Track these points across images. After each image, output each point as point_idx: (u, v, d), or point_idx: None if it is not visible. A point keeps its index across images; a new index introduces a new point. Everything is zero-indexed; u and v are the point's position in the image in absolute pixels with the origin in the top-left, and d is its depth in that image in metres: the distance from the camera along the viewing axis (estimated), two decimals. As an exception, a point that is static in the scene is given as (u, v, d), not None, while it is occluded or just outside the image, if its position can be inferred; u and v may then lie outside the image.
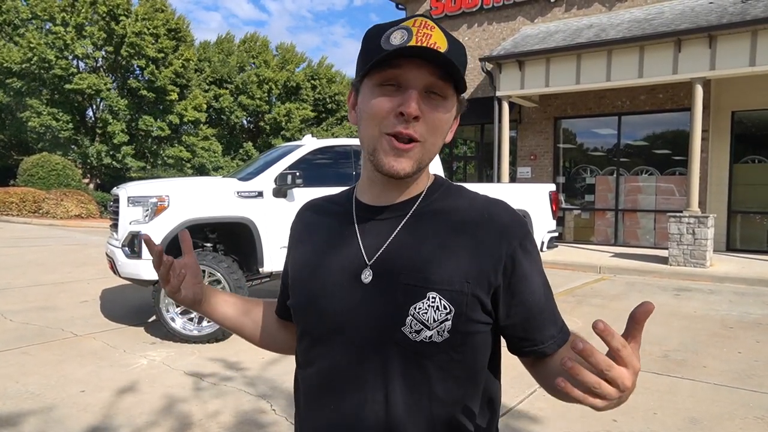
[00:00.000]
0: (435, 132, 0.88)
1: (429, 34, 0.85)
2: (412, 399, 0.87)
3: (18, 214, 17.48)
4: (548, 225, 7.51)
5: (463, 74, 0.86)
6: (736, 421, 3.47)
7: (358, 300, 0.89)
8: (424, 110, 0.85)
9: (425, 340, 0.86)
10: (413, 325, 0.86)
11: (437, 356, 0.87)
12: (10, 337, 5.11)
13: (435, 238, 0.90)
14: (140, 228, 5.12)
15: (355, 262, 0.92)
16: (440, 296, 0.86)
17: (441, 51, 0.83)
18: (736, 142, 11.80)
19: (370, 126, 0.88)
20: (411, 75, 0.84)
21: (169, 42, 24.17)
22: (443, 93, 0.87)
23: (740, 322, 6.11)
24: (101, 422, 3.37)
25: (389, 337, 0.87)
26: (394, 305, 0.87)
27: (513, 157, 13.83)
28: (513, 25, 14.20)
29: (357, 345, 0.89)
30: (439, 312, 0.85)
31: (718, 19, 10.05)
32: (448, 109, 0.88)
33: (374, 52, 0.85)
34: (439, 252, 0.89)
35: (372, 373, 0.88)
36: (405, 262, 0.89)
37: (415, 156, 0.87)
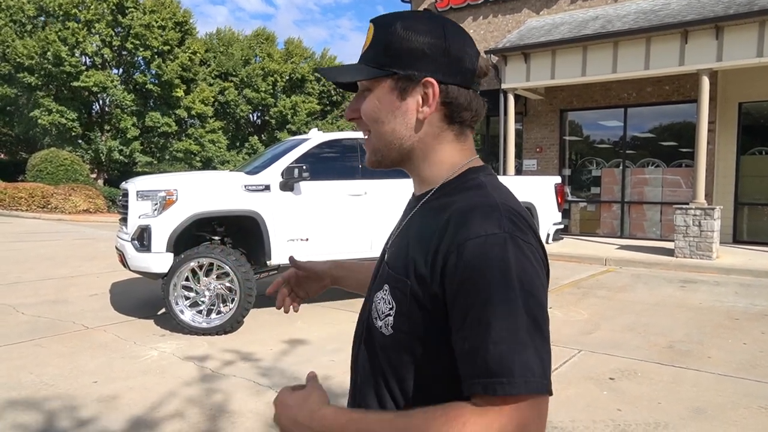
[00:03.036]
0: (372, 121, 0.90)
1: (366, 38, 0.92)
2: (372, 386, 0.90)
3: (27, 210, 17.63)
4: (554, 217, 7.53)
5: (380, 57, 0.88)
6: (740, 411, 3.50)
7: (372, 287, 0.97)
8: (360, 107, 0.92)
9: (378, 328, 0.87)
10: (374, 312, 0.89)
11: (390, 351, 0.86)
12: (23, 330, 5.19)
13: (413, 233, 0.89)
14: (149, 222, 5.18)
15: (385, 248, 0.99)
16: (390, 290, 0.86)
17: (364, 49, 0.91)
18: (743, 133, 11.74)
19: None
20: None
21: (175, 34, 24.22)
22: (368, 87, 0.91)
23: (746, 314, 6.12)
24: (114, 412, 3.44)
25: (364, 320, 0.95)
26: (373, 290, 0.93)
27: (519, 149, 13.82)
28: (518, 17, 14.15)
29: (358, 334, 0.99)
30: (385, 305, 0.86)
31: (725, 9, 9.99)
32: (375, 96, 0.90)
33: None
34: (404, 247, 0.88)
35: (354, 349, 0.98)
36: (389, 253, 0.94)
37: (371, 146, 0.93)
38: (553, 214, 7.51)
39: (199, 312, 5.25)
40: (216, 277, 5.31)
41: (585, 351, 4.74)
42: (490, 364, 0.70)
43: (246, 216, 5.48)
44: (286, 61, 31.88)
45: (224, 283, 5.30)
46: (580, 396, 3.74)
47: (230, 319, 5.18)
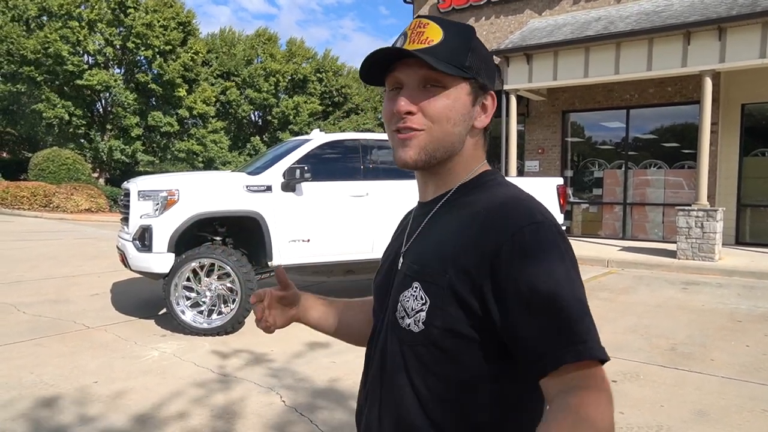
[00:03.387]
0: (438, 120, 0.90)
1: (422, 32, 0.90)
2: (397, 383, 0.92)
3: (29, 208, 17.64)
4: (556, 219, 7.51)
5: (458, 59, 0.90)
6: (743, 414, 3.48)
7: (389, 283, 0.99)
8: (421, 102, 0.90)
9: (405, 327, 0.89)
10: (400, 311, 0.91)
11: (416, 347, 0.88)
12: (23, 329, 5.19)
13: (440, 231, 0.92)
14: (150, 222, 5.17)
15: (397, 252, 1.01)
16: (421, 287, 0.88)
17: (432, 44, 0.88)
18: (745, 135, 11.71)
19: (387, 129, 0.95)
20: (403, 75, 0.91)
21: (177, 34, 24.24)
22: (441, 83, 0.90)
23: (749, 316, 6.10)
24: (115, 412, 3.43)
25: (388, 319, 0.95)
26: (395, 291, 0.94)
27: (521, 150, 13.80)
28: (521, 18, 14.13)
29: (376, 323, 1.02)
30: (417, 302, 0.88)
31: (728, 11, 9.97)
32: (450, 95, 0.90)
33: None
34: (433, 245, 0.91)
35: (376, 349, 0.99)
36: (415, 254, 0.94)
37: (419, 144, 0.90)
38: (555, 215, 7.48)
39: (200, 312, 5.24)
40: (217, 278, 5.30)
41: (587, 353, 4.72)
42: (576, 333, 0.78)
43: (247, 216, 5.47)
44: (288, 61, 31.89)
45: (225, 284, 5.29)
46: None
47: (231, 320, 5.18)
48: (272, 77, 30.81)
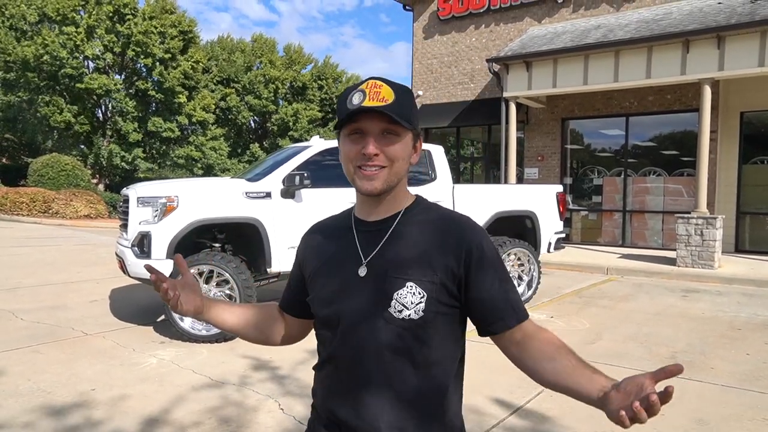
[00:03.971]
0: (395, 159, 1.19)
1: (378, 92, 1.17)
2: (403, 363, 1.17)
3: (28, 214, 17.63)
4: (555, 226, 7.50)
5: (407, 115, 1.18)
6: (743, 423, 3.46)
7: (356, 288, 1.20)
8: (382, 147, 1.18)
9: (406, 318, 1.15)
10: (396, 306, 1.16)
11: (413, 329, 1.16)
12: (21, 336, 5.17)
13: (413, 243, 1.21)
14: (149, 228, 5.17)
15: (354, 261, 1.23)
16: (416, 285, 1.16)
17: (388, 103, 1.16)
18: (744, 142, 11.73)
19: (347, 164, 1.22)
20: (367, 125, 1.18)
21: (176, 42, 24.28)
22: (395, 132, 1.19)
23: (749, 324, 6.09)
24: (112, 420, 3.41)
25: (380, 315, 1.17)
26: (383, 292, 1.17)
27: (520, 158, 13.82)
28: (520, 25, 14.19)
29: (356, 325, 1.19)
30: (415, 296, 1.16)
31: (727, 19, 10.01)
32: (404, 142, 1.20)
33: (341, 110, 1.20)
34: (416, 253, 1.19)
35: (371, 341, 1.17)
36: (391, 262, 1.20)
37: (382, 178, 1.19)
38: (554, 222, 7.49)
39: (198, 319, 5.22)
40: (216, 284, 5.29)
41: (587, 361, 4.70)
42: (517, 306, 1.22)
43: (246, 223, 5.46)
44: (287, 68, 31.96)
45: (224, 290, 5.28)
46: (582, 406, 3.67)
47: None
48: (271, 84, 30.86)
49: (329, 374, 1.26)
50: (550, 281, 8.58)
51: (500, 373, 4.36)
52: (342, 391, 1.21)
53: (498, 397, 3.86)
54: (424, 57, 15.96)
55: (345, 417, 1.20)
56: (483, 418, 3.50)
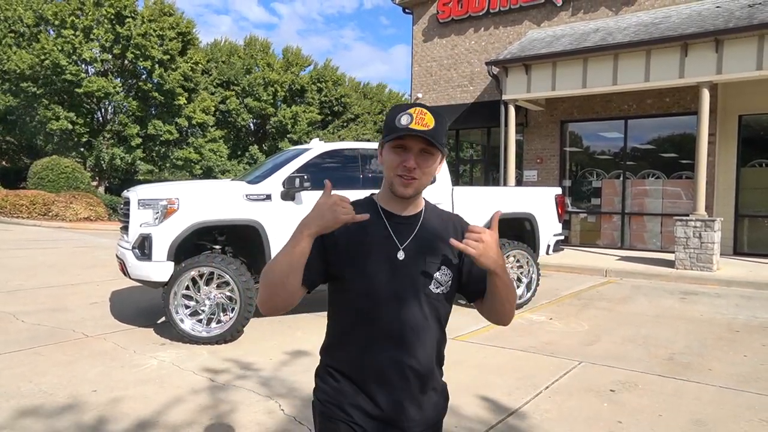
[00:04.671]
0: (427, 174, 1.51)
1: (423, 118, 1.45)
2: (432, 322, 1.54)
3: (28, 217, 17.63)
4: (554, 228, 7.53)
5: (443, 141, 1.47)
6: (741, 424, 3.49)
7: (396, 268, 1.50)
8: (420, 163, 1.48)
9: (440, 292, 1.54)
10: (435, 284, 1.53)
11: (442, 301, 1.56)
12: (22, 338, 5.18)
13: (437, 234, 1.56)
14: (150, 230, 5.19)
15: (391, 245, 1.52)
16: (448, 268, 1.55)
17: (429, 128, 1.44)
18: (743, 145, 11.77)
19: (389, 170, 1.51)
20: (411, 143, 1.47)
21: (176, 44, 24.31)
22: (431, 152, 1.49)
23: (747, 326, 6.11)
24: (113, 421, 3.43)
25: (422, 291, 1.52)
26: (424, 273, 1.52)
27: (519, 160, 13.85)
28: (519, 28, 14.23)
29: (401, 297, 1.50)
30: (447, 277, 1.55)
31: (725, 23, 10.06)
32: (435, 161, 1.51)
33: (391, 127, 1.47)
34: (441, 242, 1.54)
35: (412, 310, 1.50)
36: (426, 249, 1.54)
37: (415, 186, 1.50)
38: (553, 225, 7.52)
39: (199, 321, 5.25)
40: (216, 286, 5.31)
41: (585, 363, 4.73)
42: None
43: (247, 225, 5.49)
44: (286, 70, 31.98)
45: (224, 292, 5.30)
46: (580, 408, 3.73)
47: (230, 329, 5.18)
48: (270, 87, 30.89)
49: (365, 335, 1.51)
50: (548, 283, 8.60)
51: (498, 375, 4.39)
52: (381, 344, 1.49)
53: (496, 398, 3.88)
54: (423, 60, 16.00)
55: (383, 361, 1.49)
56: (482, 419, 3.52)
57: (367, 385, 1.51)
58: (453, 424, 3.41)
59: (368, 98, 37.70)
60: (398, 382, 1.50)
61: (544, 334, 5.70)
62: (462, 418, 3.52)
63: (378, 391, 1.50)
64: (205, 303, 5.28)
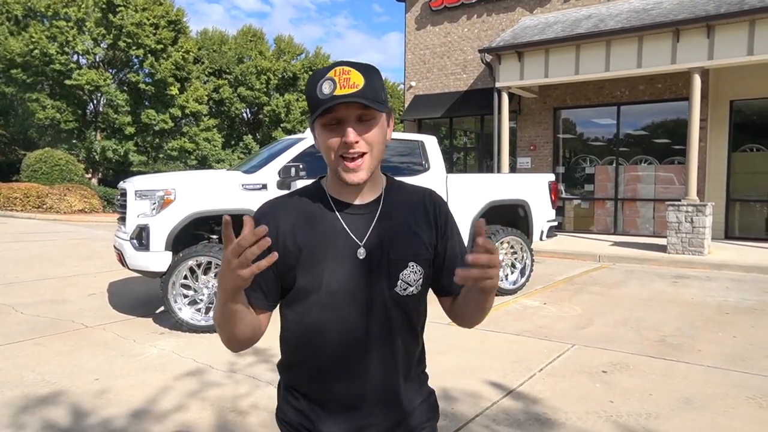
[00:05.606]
0: (374, 143, 1.20)
1: (347, 78, 1.16)
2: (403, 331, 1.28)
3: (22, 210, 17.61)
4: (548, 215, 7.61)
5: (380, 97, 1.18)
6: (728, 401, 3.59)
7: (357, 270, 1.23)
8: (361, 132, 1.18)
9: (409, 294, 1.27)
10: (401, 285, 1.25)
11: (413, 302, 1.28)
12: (22, 329, 5.24)
13: (402, 222, 1.28)
14: (148, 221, 5.23)
15: (348, 243, 1.24)
16: (417, 264, 1.26)
17: (359, 88, 1.15)
18: (734, 130, 11.87)
19: (328, 153, 1.21)
20: (343, 113, 1.17)
21: (168, 33, 24.16)
22: (371, 116, 1.19)
23: (736, 308, 6.23)
24: (116, 407, 3.50)
25: (386, 294, 1.24)
26: (388, 273, 1.24)
27: (513, 147, 13.91)
28: (512, 16, 14.23)
29: (361, 306, 1.24)
30: (416, 275, 1.27)
31: (716, 8, 10.11)
32: (378, 123, 1.21)
33: (313, 100, 1.19)
34: (409, 233, 1.28)
35: (375, 319, 1.24)
36: (388, 243, 1.25)
37: (366, 166, 1.20)
38: (547, 211, 7.59)
39: (197, 310, 5.31)
40: (214, 275, 5.36)
41: (578, 345, 4.83)
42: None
43: (243, 215, 5.51)
44: (278, 58, 31.85)
45: (222, 282, 5.34)
46: (573, 388, 3.82)
47: (229, 317, 5.23)
48: (263, 75, 30.77)
49: (320, 355, 1.25)
50: (542, 269, 8.70)
51: (493, 359, 4.48)
52: (338, 365, 1.24)
53: (492, 380, 3.97)
54: (416, 48, 15.99)
55: (343, 390, 1.24)
56: (478, 401, 3.61)
57: (329, 409, 1.27)
58: (449, 406, 3.49)
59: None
60: (365, 407, 1.26)
61: (538, 318, 5.80)
62: (457, 401, 3.61)
63: (342, 419, 1.26)
64: (203, 292, 5.35)
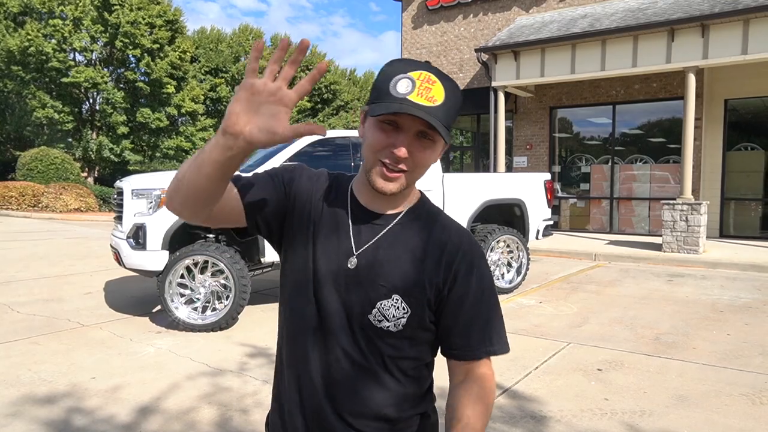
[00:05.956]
0: (420, 166, 1.06)
1: (429, 88, 1.00)
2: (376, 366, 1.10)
3: (17, 209, 17.56)
4: (543, 214, 7.64)
5: (450, 122, 1.04)
6: (722, 398, 3.62)
7: (342, 279, 1.10)
8: (414, 150, 1.03)
9: (383, 328, 1.08)
10: (376, 315, 1.08)
11: (390, 339, 1.10)
12: (19, 328, 5.23)
13: (409, 248, 1.10)
14: (144, 220, 5.23)
15: (345, 248, 1.11)
16: (402, 299, 1.07)
17: (436, 104, 0.99)
18: (729, 129, 11.93)
19: (370, 151, 1.05)
20: (406, 122, 1.02)
21: (164, 33, 24.13)
22: (432, 138, 1.04)
23: (730, 306, 6.27)
24: (114, 406, 3.50)
25: (358, 320, 1.09)
26: (367, 298, 1.08)
27: (509, 146, 13.94)
28: (508, 15, 14.26)
29: (334, 321, 1.10)
30: (398, 311, 1.08)
31: (711, 8, 10.15)
32: (434, 150, 1.06)
33: (383, 93, 1.02)
34: (408, 263, 1.09)
35: (340, 342, 1.10)
36: (382, 264, 1.09)
37: (401, 181, 1.05)
38: (542, 210, 7.62)
39: (194, 309, 5.32)
40: (211, 275, 5.37)
41: (574, 343, 4.86)
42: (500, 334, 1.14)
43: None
44: (274, 57, 31.91)
45: (219, 280, 5.36)
46: (568, 386, 3.85)
47: (225, 316, 5.25)
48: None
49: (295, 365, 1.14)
50: (538, 268, 8.73)
51: (490, 356, 4.50)
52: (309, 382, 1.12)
53: (488, 379, 3.99)
54: (413, 47, 16.00)
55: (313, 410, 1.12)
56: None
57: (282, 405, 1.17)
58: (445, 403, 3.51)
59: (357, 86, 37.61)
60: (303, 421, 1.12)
61: (534, 317, 5.82)
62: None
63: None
64: (199, 291, 5.35)
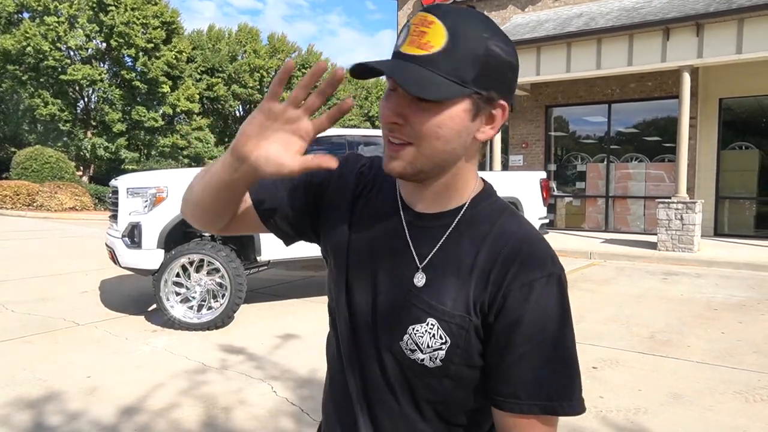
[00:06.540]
0: (426, 137, 0.77)
1: (423, 32, 0.75)
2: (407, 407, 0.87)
3: (12, 208, 17.49)
4: (539, 212, 7.66)
5: (463, 70, 0.75)
6: (716, 396, 3.64)
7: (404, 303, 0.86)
8: (409, 115, 0.77)
9: (417, 361, 0.83)
10: (408, 343, 0.83)
11: (428, 378, 0.84)
12: (13, 327, 5.22)
13: (457, 263, 0.84)
14: (140, 219, 5.23)
15: (406, 261, 0.87)
16: (440, 326, 0.82)
17: (430, 52, 0.74)
18: (723, 128, 11.98)
19: (382, 129, 0.83)
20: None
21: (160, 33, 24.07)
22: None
23: (725, 304, 6.30)
24: (109, 405, 3.50)
25: (388, 346, 0.86)
26: (398, 319, 0.85)
27: (505, 145, 13.97)
28: (504, 13, 14.27)
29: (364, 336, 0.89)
30: (434, 340, 0.82)
31: (706, 7, 10.18)
32: (442, 112, 0.76)
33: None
34: (454, 279, 0.83)
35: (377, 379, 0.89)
36: (433, 285, 0.84)
37: (406, 158, 0.79)
38: (538, 208, 7.65)
39: (190, 308, 5.31)
40: (206, 273, 5.37)
41: (569, 342, 4.87)
42: (553, 390, 0.81)
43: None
44: (271, 56, 31.84)
45: (215, 279, 5.36)
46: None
47: (221, 315, 5.25)
48: (257, 73, 30.76)
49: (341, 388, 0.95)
50: (534, 266, 8.74)
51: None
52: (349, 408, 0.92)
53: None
54: (408, 45, 15.98)
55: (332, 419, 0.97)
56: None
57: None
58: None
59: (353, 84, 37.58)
60: None
61: (530, 315, 5.83)
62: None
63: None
64: (195, 290, 5.35)
